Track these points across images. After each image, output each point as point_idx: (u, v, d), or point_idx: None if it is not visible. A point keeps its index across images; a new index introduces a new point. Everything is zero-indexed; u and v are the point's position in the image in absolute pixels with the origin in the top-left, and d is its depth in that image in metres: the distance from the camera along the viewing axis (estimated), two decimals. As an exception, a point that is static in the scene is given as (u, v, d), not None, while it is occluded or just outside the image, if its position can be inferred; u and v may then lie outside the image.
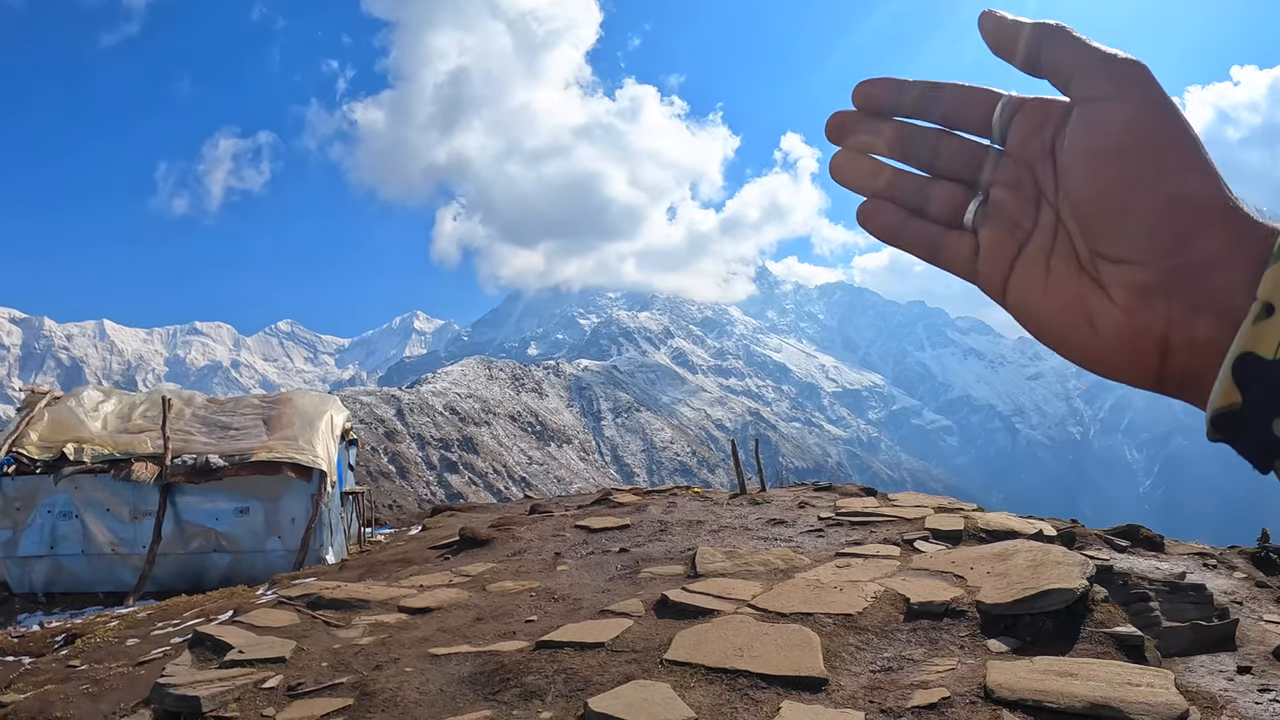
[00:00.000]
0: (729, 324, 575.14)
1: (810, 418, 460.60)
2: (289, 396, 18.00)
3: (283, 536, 15.96)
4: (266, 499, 15.89)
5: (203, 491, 15.79)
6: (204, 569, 16.08)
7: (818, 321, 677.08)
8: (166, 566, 15.89)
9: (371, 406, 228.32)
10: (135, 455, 15.88)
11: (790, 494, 18.68)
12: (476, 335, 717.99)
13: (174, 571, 15.97)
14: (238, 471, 15.61)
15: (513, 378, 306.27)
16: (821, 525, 11.27)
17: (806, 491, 19.51)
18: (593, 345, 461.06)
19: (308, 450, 15.91)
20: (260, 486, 15.80)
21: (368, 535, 21.31)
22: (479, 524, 12.65)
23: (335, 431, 17.29)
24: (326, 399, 18.41)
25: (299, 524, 15.83)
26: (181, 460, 15.84)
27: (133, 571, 15.68)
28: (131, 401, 17.91)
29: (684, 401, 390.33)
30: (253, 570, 15.93)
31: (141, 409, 17.52)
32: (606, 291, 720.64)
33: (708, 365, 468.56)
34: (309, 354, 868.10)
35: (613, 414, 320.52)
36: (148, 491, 15.68)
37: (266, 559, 15.99)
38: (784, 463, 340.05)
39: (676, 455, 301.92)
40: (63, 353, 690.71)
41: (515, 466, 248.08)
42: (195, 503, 15.96)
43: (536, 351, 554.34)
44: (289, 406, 17.37)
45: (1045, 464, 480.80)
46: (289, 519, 15.92)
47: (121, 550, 15.86)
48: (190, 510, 16.00)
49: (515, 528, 12.06)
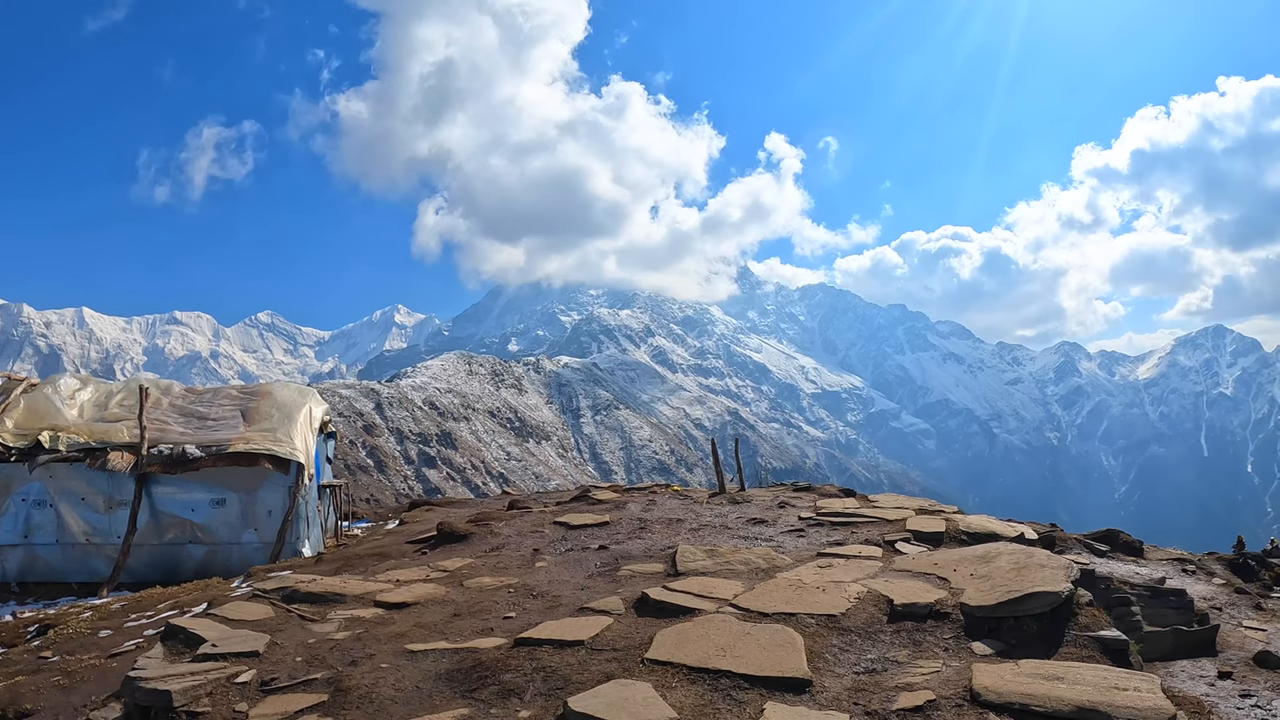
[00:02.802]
0: (710, 323, 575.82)
1: (789, 418, 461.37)
2: (268, 388, 17.82)
3: (259, 529, 15.81)
4: (243, 491, 15.73)
5: (179, 482, 15.61)
6: (179, 560, 15.90)
7: (798, 323, 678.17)
8: (141, 557, 15.71)
9: (351, 400, 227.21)
10: (111, 444, 15.69)
11: (769, 494, 18.63)
12: (457, 330, 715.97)
13: (149, 562, 15.78)
14: (214, 462, 15.44)
15: (493, 373, 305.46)
16: (802, 525, 11.21)
17: (786, 492, 19.47)
18: (573, 342, 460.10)
19: (285, 442, 15.76)
20: (237, 478, 15.64)
21: (345, 529, 21.17)
22: (457, 519, 12.52)
23: (314, 424, 17.14)
24: (305, 391, 18.24)
25: (275, 516, 15.68)
26: (158, 450, 15.66)
27: (107, 562, 15.49)
28: (109, 390, 17.69)
29: (663, 400, 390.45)
30: (228, 563, 15.77)
31: (118, 398, 17.30)
32: (588, 288, 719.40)
33: (688, 364, 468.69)
34: (289, 346, 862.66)
35: (592, 411, 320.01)
36: (123, 481, 15.50)
37: (242, 551, 15.83)
38: (762, 463, 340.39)
39: (655, 454, 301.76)
40: (41, 340, 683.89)
41: (494, 462, 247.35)
42: (171, 493, 15.78)
43: (517, 347, 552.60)
44: (268, 398, 17.20)
45: (1022, 469, 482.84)
46: (265, 511, 15.76)
47: (96, 540, 15.67)
48: (166, 501, 15.82)
49: (494, 523, 11.94)
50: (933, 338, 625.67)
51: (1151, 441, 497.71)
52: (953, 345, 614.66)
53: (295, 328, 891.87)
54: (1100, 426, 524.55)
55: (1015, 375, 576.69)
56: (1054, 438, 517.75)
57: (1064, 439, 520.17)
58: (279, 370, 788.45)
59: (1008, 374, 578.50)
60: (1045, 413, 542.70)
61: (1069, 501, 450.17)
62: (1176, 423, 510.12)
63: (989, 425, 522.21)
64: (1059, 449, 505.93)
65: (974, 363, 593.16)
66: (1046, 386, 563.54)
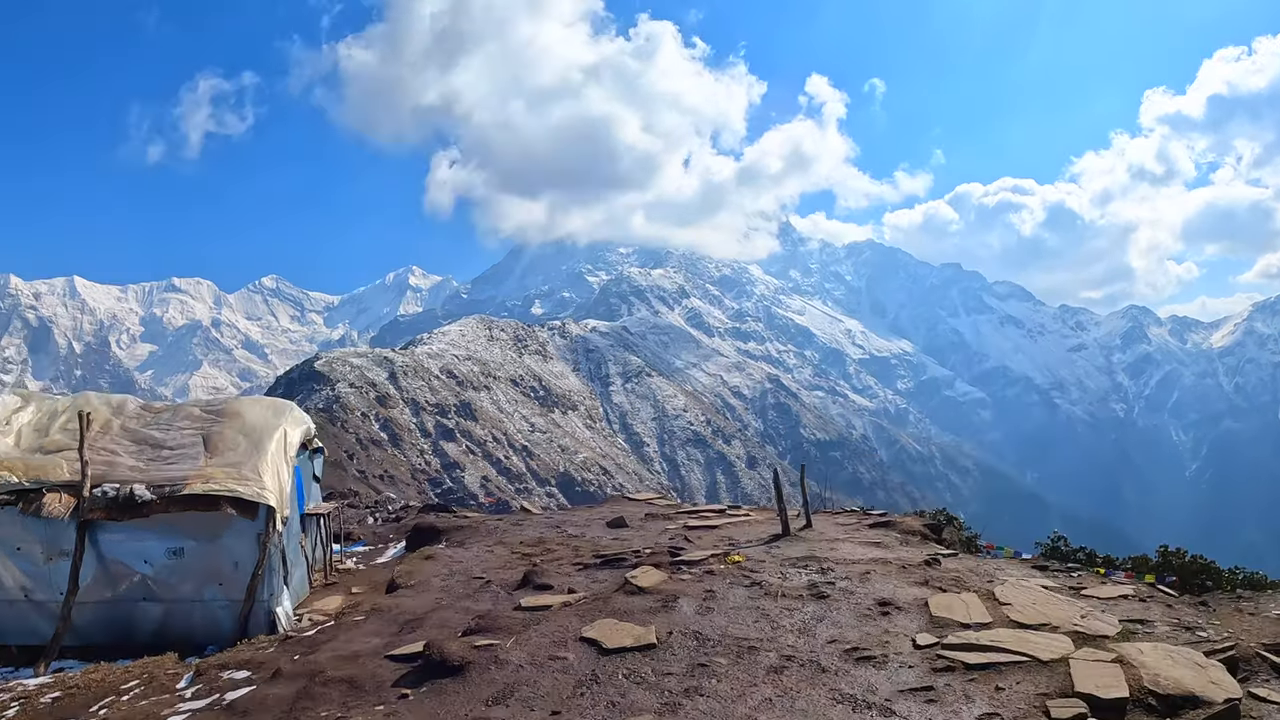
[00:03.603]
0: (749, 283, 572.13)
1: (834, 386, 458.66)
2: (236, 407, 16.10)
3: (224, 584, 14.14)
4: (204, 538, 14.05)
5: (127, 529, 13.96)
6: (132, 620, 14.30)
7: (844, 283, 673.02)
8: (88, 617, 14.12)
9: (362, 369, 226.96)
10: (49, 484, 14.03)
11: (842, 530, 16.82)
12: (476, 292, 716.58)
13: (98, 622, 14.21)
14: (167, 507, 13.74)
15: (515, 339, 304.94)
16: (925, 669, 8.90)
17: (861, 525, 17.66)
18: (601, 304, 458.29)
19: (253, 480, 14.03)
20: (196, 524, 13.94)
21: (338, 555, 19.60)
22: (449, 635, 10.33)
23: (289, 451, 15.40)
24: (281, 409, 16.50)
25: (244, 569, 14.01)
26: (102, 491, 13.98)
27: (50, 620, 13.91)
28: (53, 409, 16.04)
29: (699, 366, 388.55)
30: (189, 624, 14.16)
31: (62, 419, 15.65)
32: (616, 246, 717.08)
33: (725, 327, 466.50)
34: (296, 312, 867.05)
35: (622, 379, 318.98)
36: (63, 528, 13.87)
37: (206, 610, 14.20)
38: (805, 434, 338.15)
39: (690, 424, 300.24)
40: (30, 312, 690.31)
41: (516, 434, 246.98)
42: (120, 540, 14.13)
43: (541, 311, 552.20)
44: (235, 420, 15.49)
45: (1085, 442, 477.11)
46: (231, 563, 14.08)
47: (37, 597, 14.08)
48: (115, 548, 14.18)
49: (500, 640, 9.84)
50: (989, 299, 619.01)
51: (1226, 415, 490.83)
52: (1011, 308, 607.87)
53: (302, 293, 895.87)
54: (1170, 398, 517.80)
55: (1079, 341, 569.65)
56: (1120, 409, 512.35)
57: (1131, 411, 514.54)
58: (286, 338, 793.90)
59: (1070, 340, 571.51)
60: (1111, 382, 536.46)
61: (1135, 479, 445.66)
62: (1253, 395, 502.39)
63: (1050, 395, 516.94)
64: (1125, 422, 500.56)
65: (1034, 327, 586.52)
66: (1113, 354, 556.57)
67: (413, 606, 12.17)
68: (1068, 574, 12.75)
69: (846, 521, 18.28)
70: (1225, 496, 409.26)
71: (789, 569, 12.25)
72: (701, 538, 16.01)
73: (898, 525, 17.06)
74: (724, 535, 16.29)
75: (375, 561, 19.57)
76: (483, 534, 18.72)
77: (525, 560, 14.70)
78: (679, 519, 18.90)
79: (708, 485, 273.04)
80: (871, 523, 17.70)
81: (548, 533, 17.91)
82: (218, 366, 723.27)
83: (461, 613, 11.28)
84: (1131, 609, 10.41)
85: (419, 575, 14.39)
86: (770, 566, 12.58)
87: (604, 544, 15.96)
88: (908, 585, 10.96)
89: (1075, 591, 11.07)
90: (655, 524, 18.38)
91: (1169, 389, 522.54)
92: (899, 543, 15.43)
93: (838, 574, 11.86)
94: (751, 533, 16.55)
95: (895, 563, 12.52)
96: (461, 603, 11.89)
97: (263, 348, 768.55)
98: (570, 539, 16.82)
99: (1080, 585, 11.42)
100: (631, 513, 20.65)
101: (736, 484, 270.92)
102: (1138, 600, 10.73)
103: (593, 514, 21.07)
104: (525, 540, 16.80)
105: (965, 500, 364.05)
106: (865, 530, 16.90)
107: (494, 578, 13.31)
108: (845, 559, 12.98)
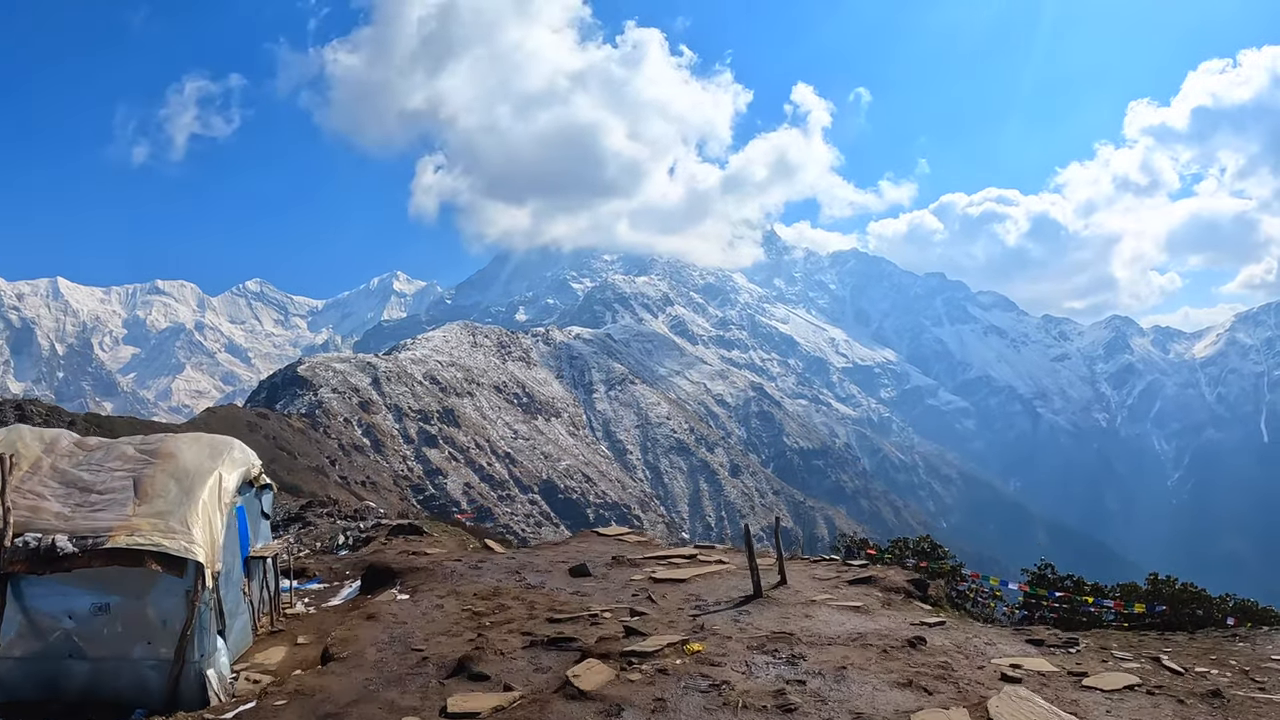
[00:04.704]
0: (733, 291, 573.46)
1: (818, 394, 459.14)
2: (171, 447, 15.10)
3: (153, 642, 13.13)
4: (130, 594, 13.06)
5: (49, 582, 13.02)
6: (58, 676, 13.31)
7: (828, 291, 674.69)
8: (15, 671, 13.14)
9: (346, 374, 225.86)
10: (-35, 531, 13.09)
11: (819, 587, 15.91)
12: (461, 298, 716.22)
13: (23, 677, 13.21)
14: (89, 561, 12.78)
15: (499, 345, 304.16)
16: None
17: (840, 580, 16.75)
18: (586, 311, 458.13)
19: (180, 533, 13.05)
20: (121, 579, 12.99)
21: (288, 595, 18.66)
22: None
23: (224, 499, 14.44)
24: (219, 448, 15.51)
25: (172, 627, 13.06)
26: (24, 541, 13.01)
27: (-26, 674, 12.98)
28: (-22, 446, 15.08)
29: (682, 374, 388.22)
30: (117, 684, 13.16)
31: (-10, 456, 14.69)
32: (601, 253, 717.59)
33: (709, 335, 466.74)
34: (279, 316, 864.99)
35: (605, 386, 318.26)
36: (-18, 579, 12.92)
37: (135, 670, 13.20)
38: (789, 442, 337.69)
39: (673, 432, 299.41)
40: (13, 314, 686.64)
41: (499, 441, 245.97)
42: (43, 593, 13.15)
43: (525, 317, 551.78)
44: (168, 462, 14.50)
45: (1068, 452, 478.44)
46: (160, 621, 13.09)
47: (-43, 652, 13.13)
48: (39, 601, 13.17)
49: None
50: (973, 309, 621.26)
51: (1208, 425, 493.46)
52: (995, 318, 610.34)
53: (286, 296, 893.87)
54: (1153, 408, 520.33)
55: (1062, 351, 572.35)
56: (1103, 419, 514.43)
57: (1113, 420, 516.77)
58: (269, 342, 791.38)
59: (1054, 349, 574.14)
60: (1094, 392, 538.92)
61: (1117, 488, 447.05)
62: (1235, 405, 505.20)
63: (1033, 404, 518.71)
64: (1108, 431, 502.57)
65: (1017, 337, 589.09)
66: (1095, 364, 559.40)
67: (337, 693, 11.19)
68: (1066, 651, 11.87)
69: (825, 575, 17.33)
70: (1207, 506, 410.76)
71: (756, 655, 11.15)
72: (667, 596, 15.00)
73: (879, 582, 16.11)
74: (692, 593, 15.26)
75: (328, 603, 18.60)
76: (439, 578, 17.76)
77: (475, 621, 13.76)
78: (647, 566, 17.92)
79: (691, 493, 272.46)
80: (851, 578, 16.77)
81: (505, 580, 16.94)
82: (200, 370, 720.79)
83: (385, 709, 10.31)
84: (1140, 709, 9.31)
85: (355, 644, 13.43)
86: (735, 651, 11.33)
87: (562, 600, 15.00)
88: (889, 689, 9.85)
89: (1076, 681, 10.14)
90: (621, 572, 17.40)
91: (1151, 399, 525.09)
92: (880, 604, 14.50)
93: (810, 665, 10.65)
94: (721, 589, 15.53)
95: (876, 644, 11.53)
96: (388, 693, 10.91)
97: (246, 351, 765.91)
98: (528, 590, 15.86)
99: (1081, 670, 10.52)
100: (599, 553, 19.71)
101: (719, 492, 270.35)
102: (1145, 694, 9.77)
103: (557, 555, 20.07)
104: (480, 592, 15.83)
105: (948, 509, 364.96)
106: (845, 587, 15.99)
107: (433, 651, 12.31)
108: (821, 637, 11.95)
